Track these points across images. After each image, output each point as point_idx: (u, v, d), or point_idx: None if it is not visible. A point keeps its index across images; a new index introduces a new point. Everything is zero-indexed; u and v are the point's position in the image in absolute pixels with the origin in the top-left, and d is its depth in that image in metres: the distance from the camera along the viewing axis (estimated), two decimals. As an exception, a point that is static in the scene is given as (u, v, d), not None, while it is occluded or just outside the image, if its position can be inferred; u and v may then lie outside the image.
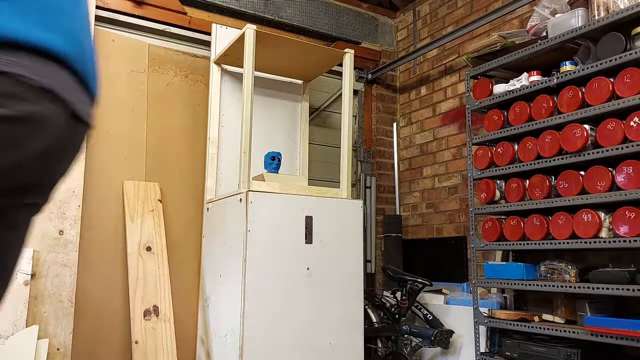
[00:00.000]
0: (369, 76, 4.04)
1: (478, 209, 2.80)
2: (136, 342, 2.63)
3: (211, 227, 2.85)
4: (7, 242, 0.70)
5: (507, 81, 2.76)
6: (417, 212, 3.86)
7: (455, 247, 3.47)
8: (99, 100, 1.07)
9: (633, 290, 2.03)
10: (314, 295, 2.50)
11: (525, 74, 2.65)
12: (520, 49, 2.62)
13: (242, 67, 3.09)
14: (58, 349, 2.51)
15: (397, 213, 3.98)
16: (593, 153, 2.25)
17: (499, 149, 2.71)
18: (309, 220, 2.55)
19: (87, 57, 0.74)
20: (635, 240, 2.07)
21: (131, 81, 3.05)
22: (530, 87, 2.57)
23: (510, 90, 2.67)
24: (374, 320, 3.05)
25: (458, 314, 3.02)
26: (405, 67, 4.15)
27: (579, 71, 2.34)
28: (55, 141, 0.67)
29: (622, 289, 2.06)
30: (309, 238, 2.53)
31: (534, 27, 2.63)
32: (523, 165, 2.56)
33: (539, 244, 2.46)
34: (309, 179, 3.26)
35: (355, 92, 4.00)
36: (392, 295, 3.24)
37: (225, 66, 3.15)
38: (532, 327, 2.44)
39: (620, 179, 2.15)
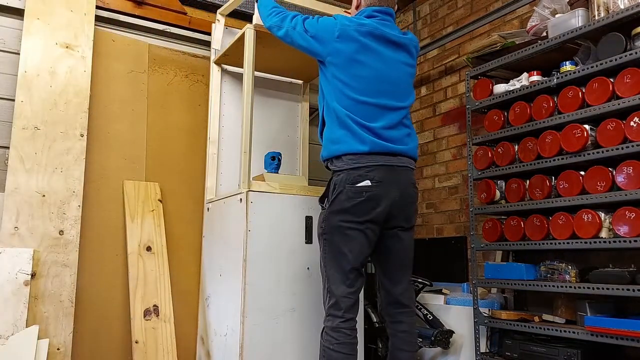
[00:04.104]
0: (369, 76, 4.04)
1: (478, 209, 2.80)
2: (136, 342, 2.63)
3: (211, 227, 2.85)
4: None
5: (507, 81, 2.76)
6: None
7: (455, 247, 3.47)
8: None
9: (633, 290, 2.03)
10: (314, 295, 2.50)
11: (525, 74, 2.65)
12: (520, 49, 2.62)
13: (242, 67, 3.09)
14: (58, 349, 2.51)
15: (397, 213, 3.97)
16: (593, 153, 2.25)
17: (499, 149, 2.71)
18: (309, 220, 2.54)
19: None
20: (635, 240, 2.07)
21: (131, 81, 3.05)
22: (530, 87, 2.57)
23: (510, 91, 2.67)
24: (374, 320, 3.05)
25: (458, 314, 3.02)
26: (405, 67, 4.14)
27: (579, 71, 2.35)
28: None
29: (622, 289, 2.06)
30: (309, 238, 2.53)
31: (534, 27, 2.63)
32: (523, 166, 2.56)
33: (539, 244, 2.46)
34: (309, 179, 3.26)
35: (356, 92, 3.99)
36: (392, 295, 3.23)
37: (225, 66, 3.15)
38: (532, 327, 2.44)
39: (620, 179, 2.16)
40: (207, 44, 3.26)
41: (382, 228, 2.12)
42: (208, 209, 2.93)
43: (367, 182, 2.02)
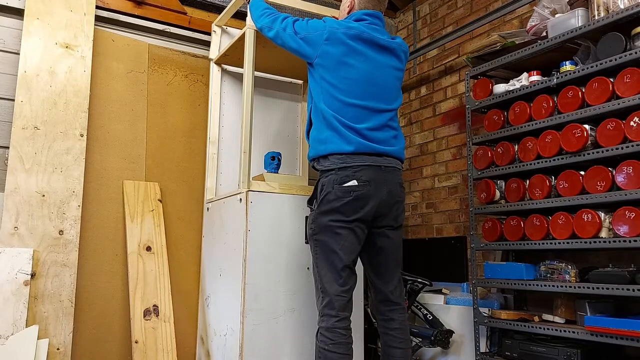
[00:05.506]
0: (369, 76, 4.04)
1: (478, 209, 2.80)
2: (136, 342, 2.63)
3: (211, 227, 2.85)
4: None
5: (507, 81, 2.76)
6: (417, 212, 3.86)
7: (455, 247, 3.47)
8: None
9: (633, 290, 2.03)
10: (314, 295, 2.50)
11: (525, 74, 2.65)
12: (520, 49, 2.62)
13: (242, 67, 3.09)
14: (58, 349, 2.51)
15: (397, 213, 3.97)
16: (593, 153, 2.26)
17: (499, 149, 2.71)
18: (308, 219, 2.54)
19: None
20: (635, 240, 2.07)
21: (131, 81, 3.05)
22: (530, 87, 2.57)
23: (510, 90, 2.67)
24: (374, 320, 3.05)
25: (458, 313, 3.02)
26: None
27: (579, 71, 2.35)
28: None
29: (622, 289, 2.06)
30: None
31: (534, 27, 2.63)
32: (523, 165, 2.56)
33: (539, 244, 2.46)
34: (309, 179, 3.25)
35: (355, 92, 3.99)
36: (392, 295, 3.23)
37: (225, 66, 3.15)
38: (532, 327, 2.44)
39: (620, 179, 2.16)
40: (207, 44, 3.26)
41: (371, 227, 2.16)
42: (208, 209, 2.93)
43: (354, 182, 2.07)
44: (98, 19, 2.98)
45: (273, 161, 2.77)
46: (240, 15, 3.32)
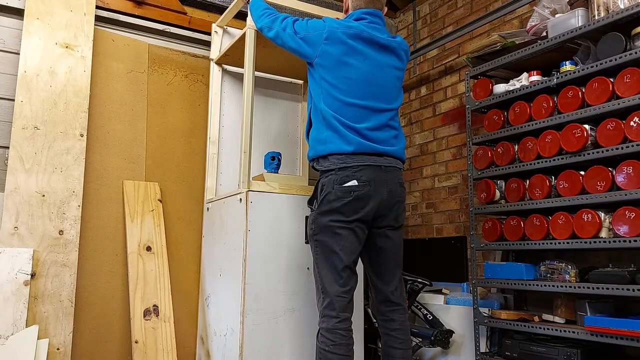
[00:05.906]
0: (369, 76, 4.04)
1: (478, 209, 2.80)
2: (136, 342, 2.63)
3: (211, 227, 2.85)
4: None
5: (507, 81, 2.76)
6: (417, 212, 3.86)
7: (455, 247, 3.47)
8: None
9: (633, 290, 2.03)
10: (314, 295, 2.50)
11: (525, 74, 2.65)
12: (520, 49, 2.62)
13: (242, 67, 3.09)
14: (58, 349, 2.51)
15: (397, 213, 3.97)
16: (593, 153, 2.25)
17: (499, 149, 2.71)
18: (308, 220, 2.54)
19: None
20: (635, 240, 2.07)
21: (131, 81, 3.05)
22: (530, 87, 2.57)
23: (510, 90, 2.67)
24: (374, 320, 3.05)
25: (458, 314, 3.02)
26: (405, 67, 4.15)
27: (579, 71, 2.34)
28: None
29: (622, 289, 2.06)
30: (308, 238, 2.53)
31: (534, 27, 2.63)
32: (523, 165, 2.56)
33: (539, 244, 2.46)
34: (309, 179, 3.25)
35: (355, 92, 3.99)
36: (392, 295, 3.23)
37: (225, 66, 3.15)
38: (532, 327, 2.44)
39: (620, 179, 2.16)
40: (207, 44, 3.26)
41: (371, 227, 2.15)
42: (208, 209, 2.93)
43: (354, 182, 2.06)
44: (98, 19, 2.98)
45: (273, 161, 2.76)
46: (241, 16, 3.32)
